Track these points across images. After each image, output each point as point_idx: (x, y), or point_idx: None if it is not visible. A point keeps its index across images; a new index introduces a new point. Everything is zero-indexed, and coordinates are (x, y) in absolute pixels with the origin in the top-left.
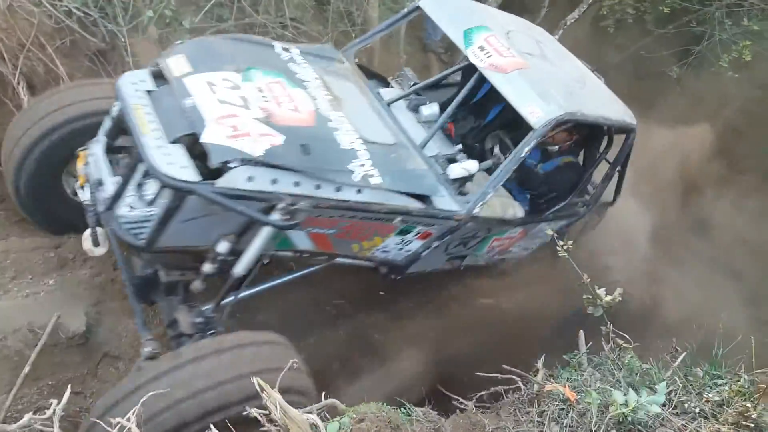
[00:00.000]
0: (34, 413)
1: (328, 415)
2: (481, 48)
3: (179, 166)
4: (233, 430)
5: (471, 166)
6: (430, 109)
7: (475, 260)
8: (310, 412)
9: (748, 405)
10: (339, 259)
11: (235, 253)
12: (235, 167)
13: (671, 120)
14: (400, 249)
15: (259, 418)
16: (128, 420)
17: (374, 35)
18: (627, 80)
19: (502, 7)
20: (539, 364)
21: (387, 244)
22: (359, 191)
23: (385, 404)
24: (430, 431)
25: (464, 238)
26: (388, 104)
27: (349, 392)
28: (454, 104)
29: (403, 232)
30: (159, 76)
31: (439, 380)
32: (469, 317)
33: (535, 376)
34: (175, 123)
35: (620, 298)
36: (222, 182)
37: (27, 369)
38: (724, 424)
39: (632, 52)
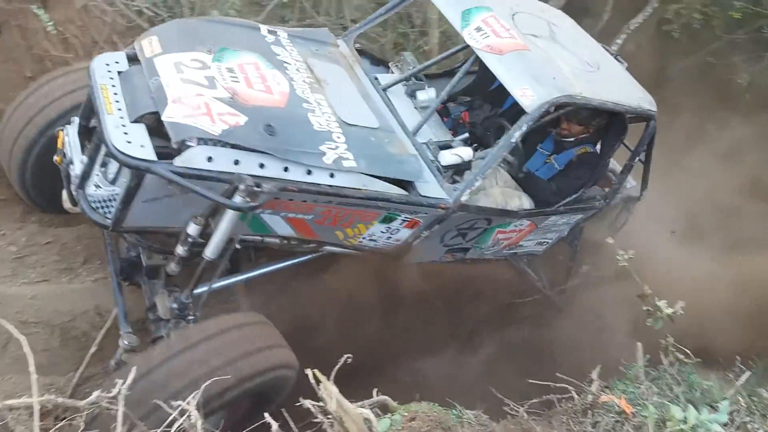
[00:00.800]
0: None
1: (379, 411)
2: (478, 29)
3: (138, 145)
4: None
5: (464, 152)
6: (427, 94)
7: (480, 254)
8: (363, 407)
9: None
10: (329, 248)
11: (207, 235)
12: (193, 146)
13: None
14: (388, 238)
15: (312, 409)
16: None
17: (374, 20)
18: (693, 87)
19: (564, 10)
20: (594, 374)
21: (373, 233)
22: (332, 175)
23: (435, 405)
24: None
25: (461, 229)
26: (384, 89)
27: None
28: (448, 87)
29: (388, 219)
30: (135, 59)
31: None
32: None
33: (590, 386)
34: (140, 102)
35: (682, 312)
36: (179, 161)
37: (93, 349)
38: None
39: (699, 57)
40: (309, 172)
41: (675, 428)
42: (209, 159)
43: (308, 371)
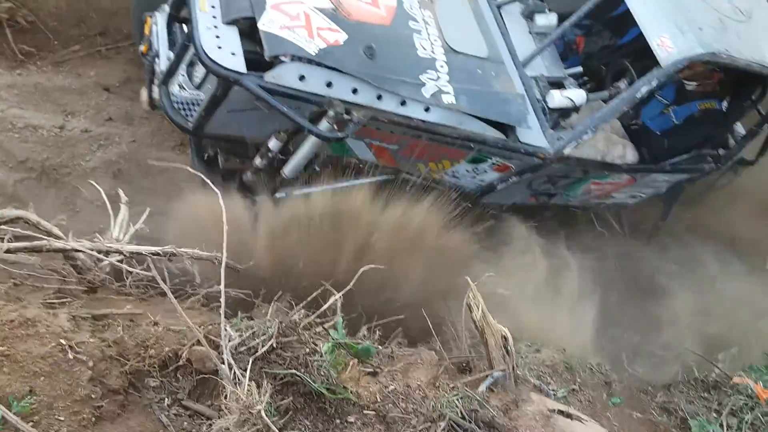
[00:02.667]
0: None
1: None
2: None
3: (228, 52)
4: None
5: (576, 96)
6: (546, 19)
7: (566, 200)
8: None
9: None
10: (405, 176)
11: (287, 151)
12: (286, 62)
13: None
14: (473, 177)
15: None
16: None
17: None
18: None
19: None
20: (725, 354)
21: (457, 170)
22: (427, 109)
23: (563, 348)
24: (600, 382)
25: (553, 177)
26: (498, 6)
27: None
28: (574, 17)
29: (477, 160)
30: None
31: None
32: None
33: (718, 362)
34: (237, 3)
35: None
36: (270, 77)
37: None
38: None
39: None
40: (403, 103)
41: None
42: (301, 78)
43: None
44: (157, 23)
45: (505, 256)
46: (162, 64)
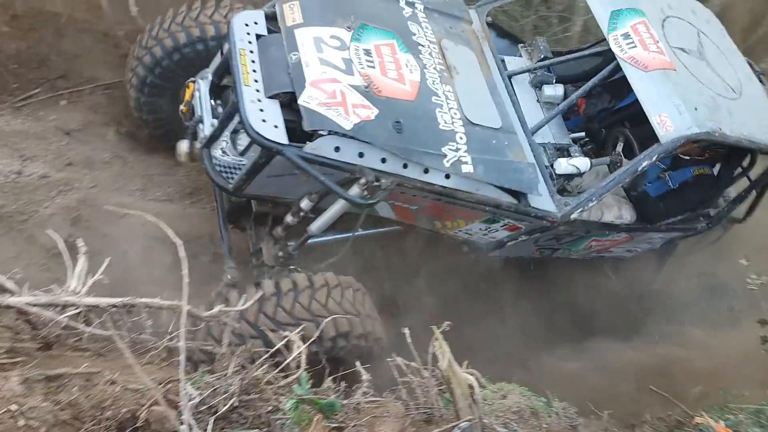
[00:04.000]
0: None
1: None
2: (626, 35)
3: (272, 125)
4: None
5: (581, 163)
6: (554, 90)
7: (567, 254)
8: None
9: None
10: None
11: (317, 210)
12: (324, 135)
13: None
14: (485, 235)
15: (402, 367)
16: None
17: None
18: None
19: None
20: (694, 392)
21: (470, 228)
22: (448, 176)
23: (525, 389)
24: (566, 426)
25: (558, 236)
26: (509, 77)
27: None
28: (581, 91)
29: (490, 221)
30: (273, 18)
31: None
32: None
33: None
34: (277, 77)
35: None
36: (309, 148)
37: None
38: None
39: None
40: (426, 171)
41: None
42: (336, 149)
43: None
44: (200, 89)
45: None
46: (206, 129)
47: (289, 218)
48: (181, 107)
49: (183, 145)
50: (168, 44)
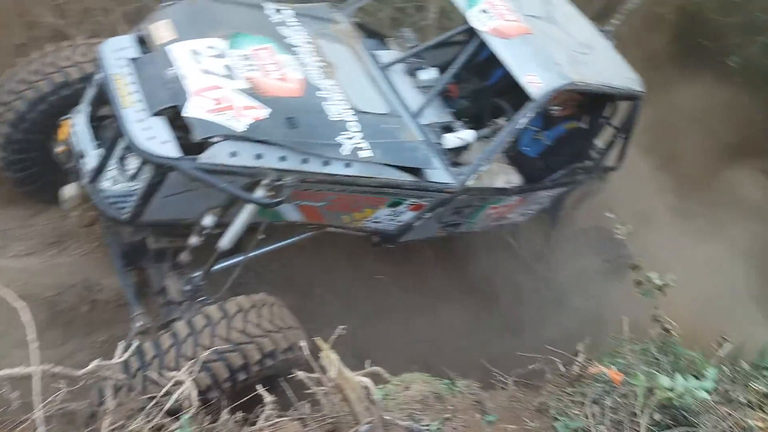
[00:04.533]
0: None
1: (372, 382)
2: (484, 11)
3: (160, 141)
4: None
5: (467, 135)
6: (428, 74)
7: (470, 227)
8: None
9: None
10: (330, 229)
11: (222, 225)
12: (217, 142)
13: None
14: (392, 220)
15: (306, 381)
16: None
17: None
18: (683, 69)
19: None
20: (581, 346)
21: (378, 216)
22: (348, 165)
23: (428, 375)
24: (471, 403)
25: (458, 208)
26: (384, 68)
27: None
28: (452, 69)
29: (395, 204)
30: (145, 42)
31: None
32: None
33: (577, 357)
34: (158, 94)
35: (673, 284)
36: (204, 158)
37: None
38: None
39: (691, 39)
40: (326, 163)
41: (663, 396)
42: (233, 154)
43: (317, 339)
44: (77, 123)
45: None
46: (90, 162)
47: (193, 239)
48: (57, 150)
49: (69, 190)
50: (30, 96)
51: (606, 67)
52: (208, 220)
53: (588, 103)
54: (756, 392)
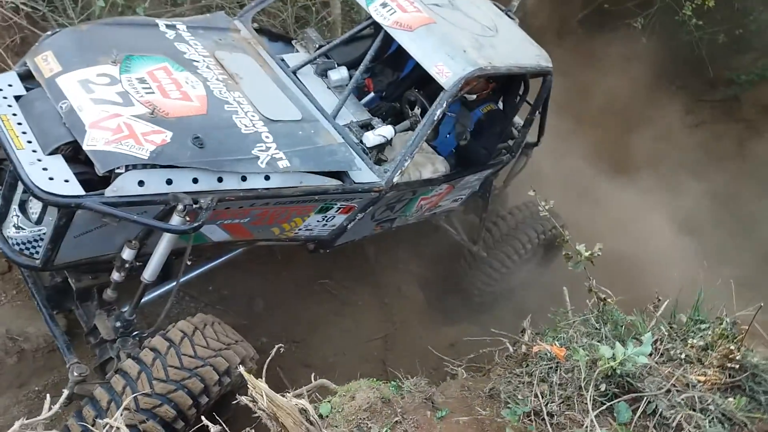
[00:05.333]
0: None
1: (319, 396)
2: (384, 4)
3: (61, 180)
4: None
5: (386, 131)
6: (339, 74)
7: (405, 221)
8: (300, 395)
9: (732, 347)
10: (262, 243)
11: (145, 255)
12: (122, 173)
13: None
14: (324, 225)
15: (249, 405)
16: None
17: None
18: (592, 35)
19: None
20: (525, 323)
21: (309, 223)
22: (267, 178)
23: (373, 379)
24: (421, 401)
25: (389, 204)
26: (294, 72)
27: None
28: (362, 67)
29: (324, 209)
30: (30, 77)
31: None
32: None
33: (523, 336)
34: (52, 131)
35: (600, 253)
36: (110, 192)
37: None
38: (709, 368)
39: (596, 5)
40: (244, 179)
41: (605, 366)
42: (141, 183)
43: (240, 369)
44: None
45: None
46: None
47: (115, 275)
48: None
49: None
50: None
51: (513, 47)
52: (127, 254)
53: (502, 85)
54: (693, 347)
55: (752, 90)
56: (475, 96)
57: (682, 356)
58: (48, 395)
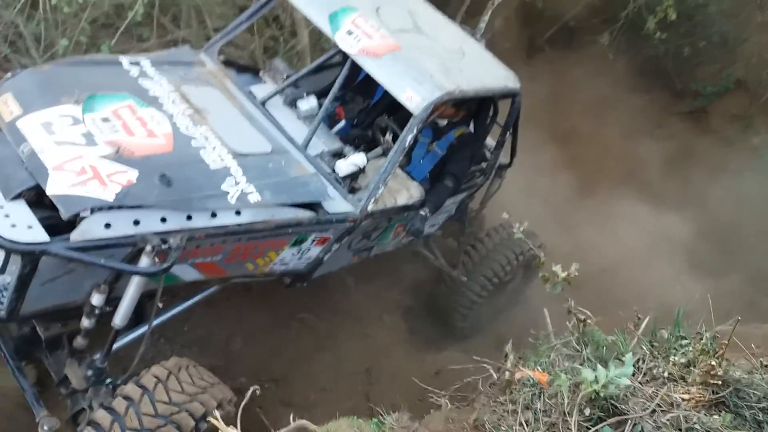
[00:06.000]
0: None
1: None
2: (349, 32)
3: (24, 227)
4: None
5: (359, 160)
6: (308, 104)
7: (383, 248)
8: None
9: (713, 363)
10: (236, 280)
11: (115, 299)
12: (88, 217)
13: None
14: (300, 258)
15: None
16: None
17: (236, 28)
18: (561, 53)
19: None
20: (507, 348)
21: (284, 257)
22: (238, 213)
23: (355, 417)
24: None
25: (366, 233)
26: (262, 103)
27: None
28: (330, 96)
29: (298, 242)
30: None
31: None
32: None
33: (505, 362)
34: (13, 176)
35: (577, 273)
36: (76, 236)
37: None
38: (693, 385)
39: (563, 24)
40: (214, 215)
41: (588, 390)
42: (107, 226)
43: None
44: None
45: None
46: None
47: (85, 322)
48: None
49: None
50: None
51: (480, 69)
52: (96, 300)
53: (472, 108)
54: (675, 365)
55: (719, 101)
56: (446, 121)
57: (665, 374)
58: None
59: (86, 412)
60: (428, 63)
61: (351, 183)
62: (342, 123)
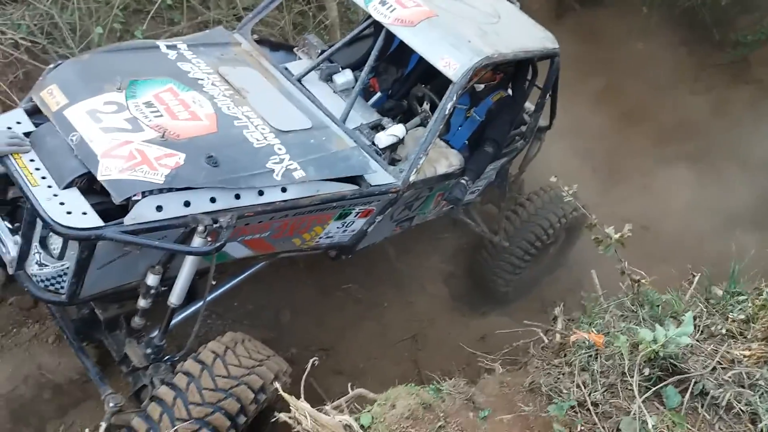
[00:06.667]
0: None
1: (358, 406)
2: (383, 2)
3: (79, 213)
4: None
5: (398, 130)
6: (344, 77)
7: (423, 218)
8: (340, 408)
9: None
10: (284, 254)
11: (169, 278)
12: (139, 200)
13: None
14: (344, 231)
15: (289, 421)
16: None
17: (268, 6)
18: (592, 11)
19: None
20: (557, 311)
21: (329, 230)
22: (284, 190)
23: (412, 385)
24: (462, 402)
25: (407, 203)
26: (299, 80)
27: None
28: (367, 68)
29: (343, 215)
30: (37, 112)
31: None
32: None
33: (555, 324)
34: (65, 165)
35: (630, 234)
36: (129, 220)
37: None
38: (753, 341)
39: None
40: (261, 193)
41: (647, 350)
42: (159, 208)
43: (280, 392)
44: None
45: None
46: (10, 251)
47: (141, 302)
48: None
49: None
50: None
51: (517, 32)
52: (151, 280)
53: (510, 71)
54: (734, 321)
55: (760, 49)
56: (483, 86)
57: (723, 331)
58: (87, 430)
59: (148, 388)
60: (465, 28)
61: (391, 154)
62: (378, 95)
